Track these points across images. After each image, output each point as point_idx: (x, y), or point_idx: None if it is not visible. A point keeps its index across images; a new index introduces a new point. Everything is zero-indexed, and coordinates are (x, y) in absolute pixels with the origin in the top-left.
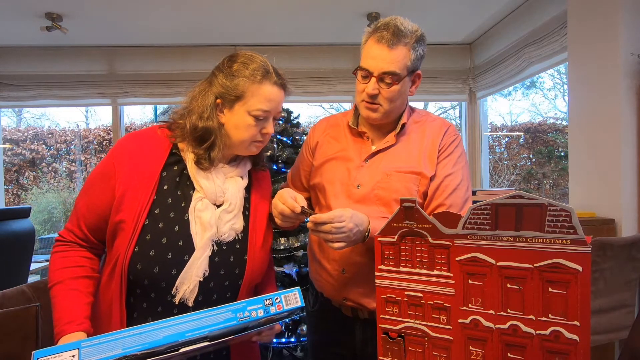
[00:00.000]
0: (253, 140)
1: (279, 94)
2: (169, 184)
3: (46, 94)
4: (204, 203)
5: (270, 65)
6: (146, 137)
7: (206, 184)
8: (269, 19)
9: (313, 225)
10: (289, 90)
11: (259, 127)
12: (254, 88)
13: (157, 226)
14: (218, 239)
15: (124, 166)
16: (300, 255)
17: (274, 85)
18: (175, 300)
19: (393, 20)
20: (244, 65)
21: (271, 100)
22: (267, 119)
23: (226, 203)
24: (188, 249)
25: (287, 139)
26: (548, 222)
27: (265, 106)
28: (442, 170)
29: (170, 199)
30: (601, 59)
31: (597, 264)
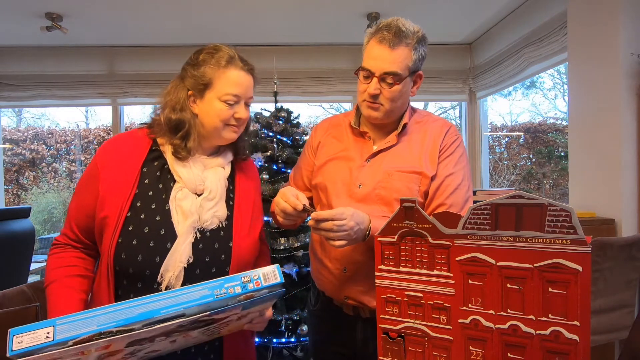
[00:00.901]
0: (226, 124)
1: (246, 78)
2: (150, 178)
3: (46, 94)
4: (183, 192)
5: (235, 53)
6: (127, 138)
7: (185, 174)
8: (269, 19)
9: (314, 223)
10: (257, 79)
11: (231, 112)
12: (220, 73)
13: (139, 217)
14: (201, 226)
15: (106, 166)
16: (300, 255)
17: (240, 70)
18: (161, 288)
19: (395, 21)
20: (209, 54)
21: (239, 85)
22: (238, 103)
23: (206, 191)
24: (170, 236)
25: (287, 139)
26: (548, 222)
27: (233, 90)
28: (443, 170)
29: (151, 192)
30: (601, 59)
31: (597, 264)
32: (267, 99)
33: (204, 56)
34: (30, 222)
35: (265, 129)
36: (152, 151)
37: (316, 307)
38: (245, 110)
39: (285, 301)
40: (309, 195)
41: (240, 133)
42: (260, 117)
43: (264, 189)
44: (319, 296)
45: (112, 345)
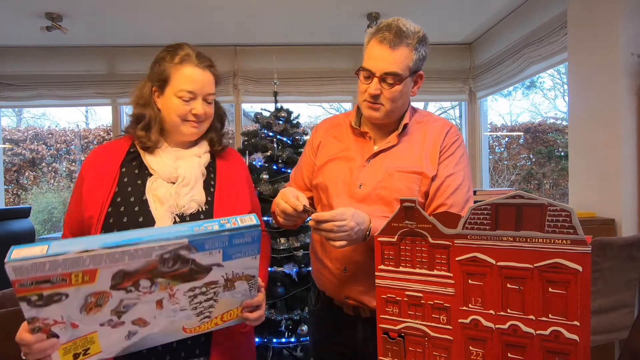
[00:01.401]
0: (184, 120)
1: (202, 75)
2: (129, 176)
3: (46, 94)
4: (158, 182)
5: (193, 51)
6: (107, 145)
7: (156, 165)
8: (269, 19)
9: (315, 224)
10: (218, 76)
11: (187, 108)
12: (175, 70)
13: (119, 210)
14: (179, 211)
15: (89, 172)
16: (300, 255)
17: (195, 67)
18: None
19: (395, 21)
20: (168, 52)
21: (193, 81)
22: (195, 99)
23: (180, 178)
24: (149, 222)
25: (287, 139)
26: (548, 222)
27: (187, 86)
28: (443, 171)
29: (130, 188)
30: (601, 58)
31: (597, 264)
32: (267, 99)
33: (164, 54)
34: (30, 222)
35: (265, 129)
36: (129, 153)
37: (316, 307)
38: (202, 107)
39: (285, 301)
40: (310, 196)
41: (201, 129)
42: (260, 117)
43: (264, 189)
44: (319, 296)
45: (97, 276)
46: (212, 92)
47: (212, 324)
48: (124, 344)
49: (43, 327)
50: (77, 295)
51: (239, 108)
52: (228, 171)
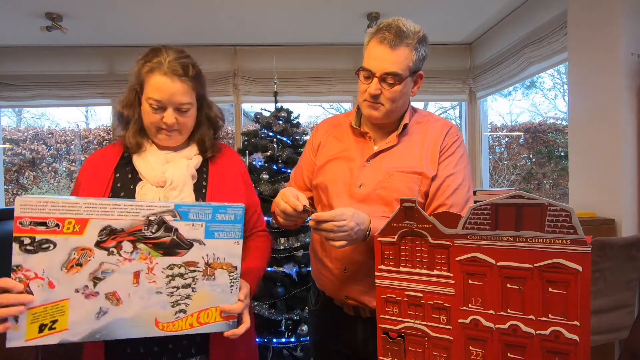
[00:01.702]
0: (157, 127)
1: (169, 84)
2: (122, 181)
3: (46, 94)
4: (147, 187)
5: (166, 59)
6: (102, 150)
7: (145, 169)
8: (269, 19)
9: (315, 224)
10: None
11: (157, 116)
12: (147, 78)
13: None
14: None
15: (85, 178)
16: (300, 255)
17: (163, 76)
18: None
19: (395, 21)
20: (145, 57)
21: (160, 90)
22: (164, 108)
23: (167, 182)
24: None
25: (287, 139)
26: (548, 222)
27: (154, 95)
28: (443, 171)
29: (123, 193)
30: (601, 58)
31: (597, 264)
32: (267, 99)
33: (142, 57)
34: None
35: (265, 129)
36: (123, 157)
37: (317, 307)
38: (172, 116)
39: (285, 301)
40: (310, 196)
41: (177, 138)
42: (260, 117)
43: (264, 188)
44: (319, 296)
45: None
46: (185, 102)
47: (187, 324)
48: (92, 325)
49: (24, 279)
50: (64, 247)
51: (239, 108)
52: (221, 173)
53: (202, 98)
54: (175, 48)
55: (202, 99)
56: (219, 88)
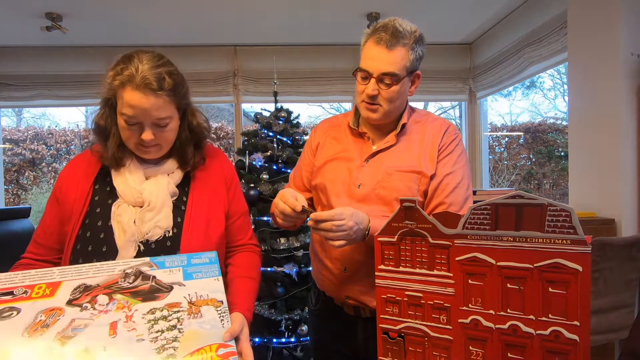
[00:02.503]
0: (136, 143)
1: (143, 100)
2: (100, 195)
3: (46, 94)
4: (122, 207)
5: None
6: (83, 156)
7: (122, 188)
8: (269, 19)
9: (314, 224)
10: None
11: (136, 132)
12: (119, 92)
13: (85, 235)
14: (143, 238)
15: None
16: (300, 255)
17: (135, 91)
18: None
19: (392, 22)
20: (115, 67)
21: (132, 107)
22: (140, 124)
23: (145, 203)
24: (112, 253)
25: (287, 139)
26: (548, 222)
27: (127, 112)
28: (442, 169)
29: (99, 209)
30: (601, 58)
31: (597, 264)
32: (267, 99)
33: (112, 67)
34: (30, 222)
35: (265, 129)
36: (103, 167)
37: (317, 307)
38: (150, 132)
39: (285, 301)
40: (309, 196)
41: (157, 152)
42: (260, 117)
43: (264, 189)
44: (319, 296)
45: (59, 290)
46: (163, 117)
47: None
48: None
49: None
50: (29, 310)
51: (239, 108)
52: (204, 184)
53: (184, 107)
54: (151, 54)
55: (184, 108)
56: (219, 88)
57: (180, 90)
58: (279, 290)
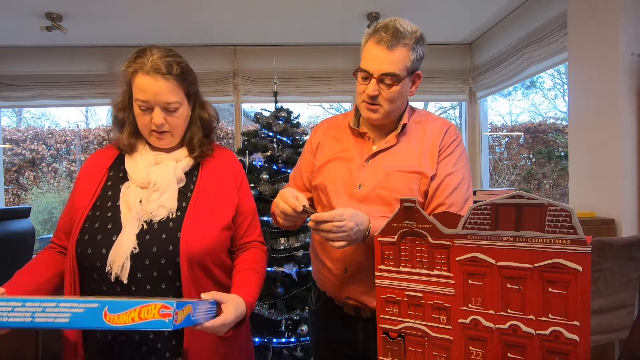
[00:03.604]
0: (148, 129)
1: (153, 83)
2: (113, 180)
3: (46, 94)
4: (131, 187)
5: (152, 56)
6: (102, 150)
7: (132, 170)
8: (269, 19)
9: (314, 224)
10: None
11: (148, 118)
12: (133, 79)
13: (95, 215)
14: (148, 218)
15: (83, 175)
16: (300, 255)
17: (146, 75)
18: (111, 278)
19: (392, 22)
20: (129, 60)
21: (144, 90)
22: (151, 109)
23: (151, 183)
24: (116, 229)
25: (287, 139)
26: (548, 222)
27: (140, 96)
28: (442, 170)
29: (110, 192)
30: (601, 58)
31: (597, 264)
32: (267, 99)
33: (127, 60)
34: (30, 222)
35: (265, 129)
36: (119, 157)
37: (317, 307)
38: (160, 116)
39: (285, 301)
40: (309, 196)
41: (168, 140)
42: (260, 117)
43: (264, 189)
44: (319, 296)
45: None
46: (171, 101)
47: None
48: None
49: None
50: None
51: (239, 108)
52: (212, 175)
53: (194, 97)
54: (162, 47)
55: (194, 98)
56: (219, 88)
57: (187, 77)
58: (279, 290)
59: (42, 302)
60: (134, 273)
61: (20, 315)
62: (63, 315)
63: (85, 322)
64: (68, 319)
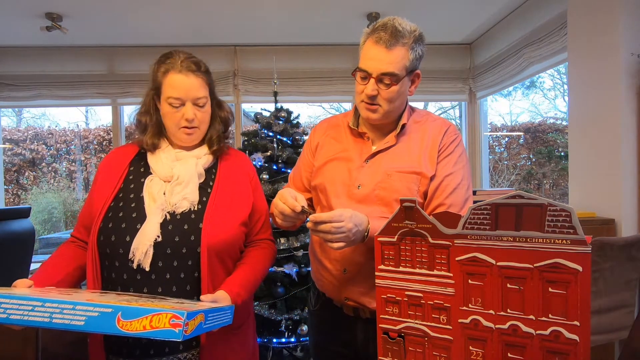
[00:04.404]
0: (179, 127)
1: (185, 80)
2: (134, 174)
3: (46, 94)
4: (154, 180)
5: (178, 59)
6: (122, 147)
7: (155, 165)
8: (269, 19)
9: (313, 225)
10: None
11: (179, 114)
12: (163, 79)
13: (118, 205)
14: (171, 209)
15: (101, 171)
16: (300, 255)
17: (178, 74)
18: (134, 266)
19: (391, 21)
20: (158, 61)
21: (176, 87)
22: (183, 105)
23: (174, 177)
24: (141, 218)
25: (287, 139)
26: (548, 222)
27: (172, 93)
28: (442, 170)
29: (132, 185)
30: (601, 58)
31: (597, 264)
32: (267, 99)
33: (156, 62)
34: (30, 222)
35: (265, 129)
36: (140, 153)
37: (316, 307)
38: (192, 111)
39: (285, 301)
40: (309, 197)
41: (196, 135)
42: (260, 117)
43: (264, 188)
44: (319, 297)
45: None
46: (201, 96)
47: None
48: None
49: None
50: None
51: (239, 108)
52: (229, 174)
53: (212, 95)
54: (183, 50)
55: (212, 96)
56: (219, 88)
57: (210, 75)
58: (279, 290)
59: (60, 304)
60: (155, 261)
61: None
62: (79, 318)
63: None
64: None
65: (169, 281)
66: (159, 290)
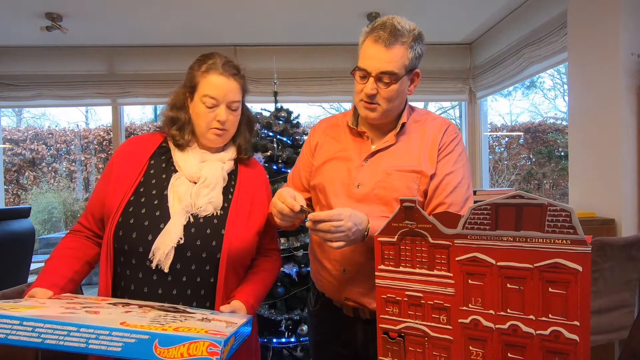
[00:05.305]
0: (209, 127)
1: (225, 82)
2: (156, 169)
3: (46, 94)
4: (181, 180)
5: (220, 61)
6: (141, 137)
7: (183, 164)
8: (269, 19)
9: (312, 224)
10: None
11: (211, 115)
12: (202, 78)
13: (139, 200)
14: (195, 212)
15: (119, 160)
16: (300, 255)
17: (219, 75)
18: (152, 266)
19: (390, 20)
20: (199, 61)
21: (215, 87)
22: (218, 106)
23: (202, 178)
24: (164, 218)
25: (287, 139)
26: (548, 222)
27: (210, 92)
28: (442, 169)
29: (154, 180)
30: (601, 58)
31: (597, 264)
32: (267, 99)
33: (196, 62)
34: (30, 222)
35: (265, 129)
36: (161, 147)
37: (316, 307)
38: (225, 113)
39: (285, 301)
40: (308, 196)
41: (225, 137)
42: (260, 117)
43: None
44: (318, 297)
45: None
46: (236, 100)
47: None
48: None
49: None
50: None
51: None
52: (249, 181)
53: (244, 100)
54: (222, 54)
55: (244, 102)
56: None
57: (246, 82)
58: (279, 290)
59: (95, 330)
60: (174, 263)
61: (75, 340)
62: (115, 345)
63: (136, 352)
64: (120, 348)
65: (184, 284)
66: (173, 293)
